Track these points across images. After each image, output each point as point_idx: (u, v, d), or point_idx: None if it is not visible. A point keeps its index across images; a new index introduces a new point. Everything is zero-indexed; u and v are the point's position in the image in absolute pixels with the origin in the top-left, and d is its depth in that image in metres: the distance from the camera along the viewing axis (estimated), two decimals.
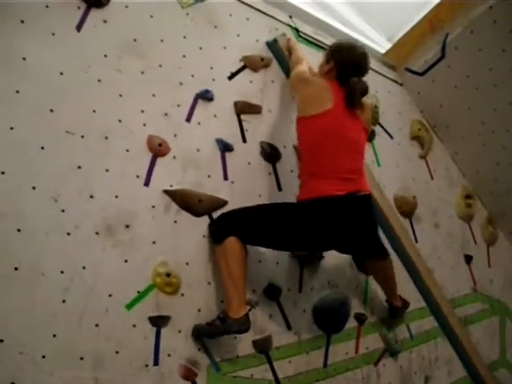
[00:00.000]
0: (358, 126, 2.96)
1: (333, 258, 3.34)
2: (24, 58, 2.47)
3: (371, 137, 3.78)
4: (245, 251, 2.79)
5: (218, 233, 2.82)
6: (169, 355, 2.64)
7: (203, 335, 2.73)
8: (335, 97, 2.88)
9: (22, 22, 2.49)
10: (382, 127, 3.93)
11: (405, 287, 3.71)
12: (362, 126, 2.99)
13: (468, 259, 4.33)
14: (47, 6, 2.57)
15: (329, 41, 3.70)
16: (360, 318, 3.45)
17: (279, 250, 3.01)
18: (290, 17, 3.51)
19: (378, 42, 4.37)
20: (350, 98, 2.90)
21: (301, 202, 2.90)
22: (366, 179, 3.04)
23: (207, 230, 2.86)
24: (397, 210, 3.86)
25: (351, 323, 3.42)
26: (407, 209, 3.93)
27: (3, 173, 2.32)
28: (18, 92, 2.42)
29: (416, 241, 3.93)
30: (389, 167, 3.89)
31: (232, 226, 2.79)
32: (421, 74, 4.11)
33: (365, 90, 2.98)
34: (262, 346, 2.97)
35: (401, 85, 4.18)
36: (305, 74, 3.03)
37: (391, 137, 3.99)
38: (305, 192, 2.91)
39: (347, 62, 2.95)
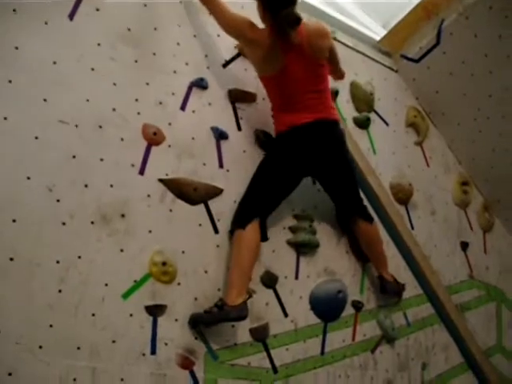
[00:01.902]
0: (313, 66, 3.00)
1: (329, 246, 3.35)
2: (16, 48, 2.46)
3: (366, 123, 3.79)
4: (259, 243, 2.92)
5: (239, 220, 2.91)
6: (166, 344, 2.64)
7: (201, 323, 2.73)
8: (283, 50, 2.90)
9: (15, 10, 2.48)
10: (378, 114, 3.93)
11: (401, 274, 3.72)
12: (318, 64, 3.02)
13: (464, 246, 4.34)
14: None
15: None
16: (357, 306, 3.45)
17: (289, 191, 3.10)
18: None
19: (373, 28, 4.37)
20: (281, 32, 2.87)
21: (276, 135, 3.12)
22: (331, 110, 3.15)
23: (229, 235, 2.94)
24: (393, 197, 3.85)
25: (348, 311, 3.41)
26: (403, 196, 3.93)
27: None
28: (10, 82, 2.41)
29: (412, 228, 3.93)
30: (384, 154, 3.89)
31: (247, 210, 2.92)
32: (416, 61, 4.10)
33: (295, 20, 2.87)
34: (259, 334, 2.97)
35: (396, 71, 4.17)
36: (245, 28, 2.91)
37: (387, 124, 3.98)
38: (278, 125, 3.10)
39: (274, 4, 2.87)
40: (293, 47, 2.91)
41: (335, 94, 3.60)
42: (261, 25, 2.96)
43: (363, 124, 3.79)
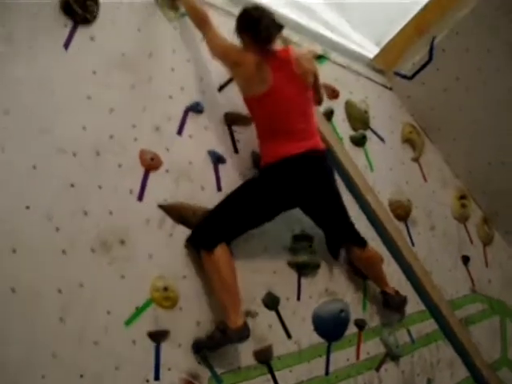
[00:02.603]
0: (300, 87, 2.97)
1: (330, 265, 3.35)
2: (13, 79, 2.46)
3: (363, 141, 3.80)
4: (232, 259, 2.80)
5: (206, 241, 2.77)
6: (169, 369, 2.62)
7: (205, 348, 2.71)
8: (270, 68, 2.86)
9: (11, 42, 2.49)
10: (374, 132, 3.94)
11: (403, 290, 3.71)
12: (304, 86, 2.99)
13: (465, 260, 4.33)
14: (35, 26, 2.57)
15: (316, 48, 3.73)
16: (360, 324, 3.44)
17: (265, 222, 2.98)
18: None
19: (366, 47, 4.39)
20: (266, 39, 2.87)
21: (262, 168, 3.03)
22: (319, 138, 3.10)
23: (186, 244, 2.82)
24: (392, 213, 3.86)
25: (351, 329, 3.41)
26: (402, 212, 3.94)
27: None
28: (7, 113, 2.42)
29: (412, 244, 3.94)
30: (382, 171, 3.90)
31: (215, 232, 2.78)
32: (410, 78, 4.13)
33: (276, 26, 2.90)
34: (263, 356, 2.96)
35: (390, 89, 4.20)
36: (232, 53, 2.91)
37: (383, 141, 4.00)
38: (265, 157, 3.01)
39: (250, 22, 2.89)
40: (280, 66, 2.89)
41: (330, 113, 3.63)
42: None
43: (359, 142, 3.80)
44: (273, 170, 2.95)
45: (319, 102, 3.31)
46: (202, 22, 2.97)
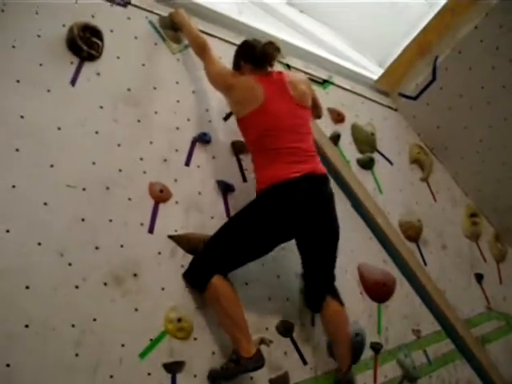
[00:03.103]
0: (295, 105, 2.89)
1: (343, 289, 3.32)
2: (22, 116, 2.51)
3: (370, 164, 3.81)
4: (233, 287, 2.73)
5: (198, 280, 2.72)
6: None
7: (220, 379, 2.70)
8: (263, 87, 2.84)
9: (18, 81, 2.54)
10: (381, 154, 3.95)
11: (418, 311, 3.69)
12: (300, 106, 2.92)
13: (479, 278, 4.31)
14: (41, 64, 2.63)
15: (320, 73, 3.76)
16: (376, 347, 3.42)
17: (262, 255, 2.87)
18: (283, 58, 3.53)
19: (369, 69, 4.42)
20: (264, 59, 2.89)
21: (258, 194, 2.87)
22: (319, 161, 2.95)
23: (184, 281, 2.76)
24: (403, 234, 3.85)
25: (367, 353, 3.38)
26: (413, 233, 3.93)
27: (8, 231, 2.34)
28: (17, 150, 2.46)
29: (425, 264, 3.92)
30: (391, 193, 3.90)
31: (209, 266, 2.71)
32: (414, 98, 4.14)
33: (274, 46, 2.90)
34: None
35: (395, 110, 4.21)
36: (227, 78, 2.91)
37: (391, 163, 4.00)
38: (260, 183, 2.87)
39: (248, 49, 2.95)
40: (273, 85, 2.87)
41: (337, 137, 3.64)
42: None
43: (367, 165, 3.81)
44: (265, 196, 2.82)
45: (319, 117, 3.31)
46: (201, 50, 3.00)
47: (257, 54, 2.90)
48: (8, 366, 2.22)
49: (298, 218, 2.81)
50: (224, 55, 3.07)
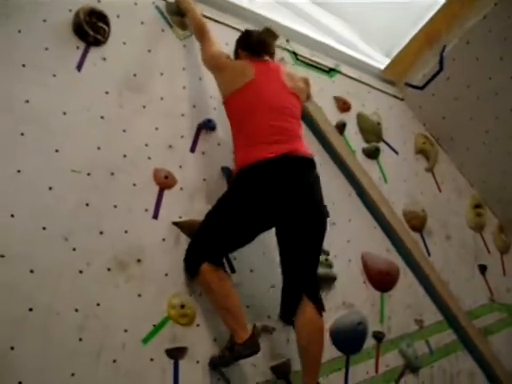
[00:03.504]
0: (286, 91, 2.85)
1: (346, 278, 3.34)
2: (27, 101, 2.51)
3: (376, 153, 3.80)
4: (224, 273, 2.70)
5: (189, 267, 2.72)
6: None
7: (219, 366, 2.71)
8: (255, 68, 2.82)
9: (24, 65, 2.53)
10: (386, 143, 3.94)
11: (421, 302, 3.70)
12: (291, 92, 2.87)
13: (482, 269, 4.31)
14: (47, 49, 2.62)
15: (327, 61, 3.74)
16: (378, 336, 3.43)
17: (246, 242, 2.76)
18: (287, 40, 3.54)
19: (376, 58, 4.40)
20: (259, 45, 2.89)
21: (235, 176, 2.79)
22: (304, 144, 2.83)
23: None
24: (407, 224, 3.85)
25: (369, 342, 3.39)
26: (417, 223, 3.93)
27: (13, 215, 2.35)
28: (22, 134, 2.46)
29: (429, 254, 3.91)
30: (396, 183, 3.89)
31: (197, 252, 2.70)
32: (421, 88, 4.12)
33: (271, 33, 2.93)
34: (281, 371, 2.94)
35: (402, 100, 4.19)
36: (220, 59, 2.90)
37: (396, 152, 3.99)
38: (238, 165, 2.77)
39: (246, 37, 2.96)
40: (267, 69, 2.87)
41: (343, 126, 3.63)
42: None
43: (373, 154, 3.80)
44: (242, 178, 2.72)
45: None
46: (201, 32, 2.99)
47: (252, 41, 2.91)
48: (12, 348, 2.23)
49: (276, 201, 2.66)
50: (231, 42, 3.07)
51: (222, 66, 2.88)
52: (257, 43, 2.90)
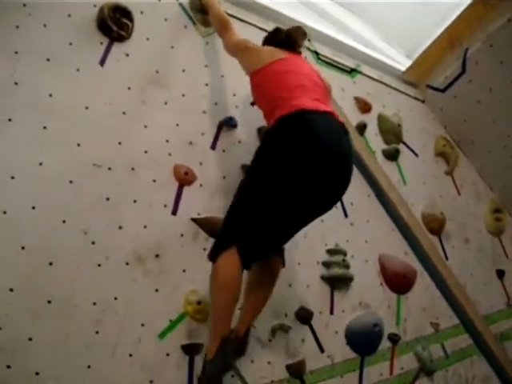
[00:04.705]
0: (316, 76, 2.71)
1: (363, 279, 3.33)
2: (50, 95, 2.53)
3: (395, 155, 3.78)
4: (237, 275, 2.35)
5: (212, 251, 2.44)
6: None
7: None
8: (286, 53, 2.72)
9: (48, 60, 2.56)
10: (406, 145, 3.92)
11: (437, 305, 3.68)
12: (322, 80, 2.73)
13: (500, 274, 4.27)
14: (71, 44, 2.64)
15: (348, 62, 3.74)
16: (393, 339, 3.42)
17: (291, 229, 2.50)
18: (309, 40, 3.52)
19: (397, 60, 4.38)
20: (289, 39, 2.81)
21: (275, 123, 2.42)
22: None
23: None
24: (425, 227, 3.83)
25: (385, 344, 3.38)
26: (436, 226, 3.90)
27: (34, 208, 2.37)
28: (45, 128, 2.48)
29: (446, 258, 3.89)
30: (415, 185, 3.87)
31: (225, 236, 2.42)
32: (442, 91, 4.10)
33: (302, 30, 2.85)
34: (296, 371, 2.94)
35: (423, 102, 4.17)
36: (248, 42, 2.79)
37: (416, 154, 3.97)
38: (278, 112, 2.42)
39: (275, 33, 2.90)
40: (298, 56, 2.79)
41: (363, 127, 3.62)
42: None
43: (392, 156, 3.79)
44: (287, 122, 2.36)
45: None
46: (224, 26, 2.91)
47: (281, 37, 2.84)
48: (30, 339, 2.26)
49: (323, 159, 2.31)
50: (253, 41, 3.05)
51: (253, 48, 2.77)
52: (286, 39, 2.83)
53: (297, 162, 2.30)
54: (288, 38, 2.84)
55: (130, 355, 2.48)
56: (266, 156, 2.44)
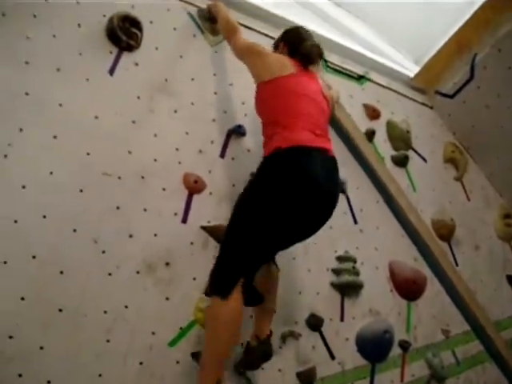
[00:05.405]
0: (320, 94, 2.73)
1: (373, 286, 3.32)
2: (60, 105, 2.55)
3: (404, 161, 3.78)
4: (241, 313, 2.35)
5: (222, 285, 2.36)
6: None
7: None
8: (295, 65, 2.69)
9: (58, 69, 2.58)
10: (415, 151, 3.92)
11: (448, 311, 3.67)
12: (325, 97, 2.77)
13: (511, 280, 4.25)
14: (80, 53, 2.66)
15: (356, 68, 3.74)
16: (404, 346, 3.40)
17: (285, 244, 2.60)
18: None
19: (405, 66, 4.38)
20: (305, 57, 2.74)
21: (272, 153, 2.51)
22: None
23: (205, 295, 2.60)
24: (435, 233, 3.82)
25: (395, 351, 3.37)
26: (445, 232, 3.89)
27: (45, 217, 2.39)
28: (55, 137, 2.51)
29: (456, 264, 3.88)
30: (424, 191, 3.87)
31: (232, 267, 2.39)
32: (451, 97, 4.10)
33: (320, 51, 2.80)
34: (307, 378, 2.94)
35: (431, 108, 4.17)
36: (258, 46, 2.76)
37: (425, 160, 3.97)
38: (276, 142, 2.50)
39: (296, 37, 2.83)
40: (305, 69, 2.74)
41: (372, 133, 3.62)
42: None
43: (401, 162, 3.78)
44: (284, 154, 2.45)
45: None
46: (232, 31, 2.87)
47: (301, 50, 2.76)
48: (42, 348, 2.27)
49: (314, 196, 2.43)
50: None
51: (263, 52, 2.72)
52: (304, 55, 2.74)
53: (290, 200, 2.41)
54: (307, 56, 2.76)
55: (141, 363, 2.48)
56: (260, 191, 2.49)
